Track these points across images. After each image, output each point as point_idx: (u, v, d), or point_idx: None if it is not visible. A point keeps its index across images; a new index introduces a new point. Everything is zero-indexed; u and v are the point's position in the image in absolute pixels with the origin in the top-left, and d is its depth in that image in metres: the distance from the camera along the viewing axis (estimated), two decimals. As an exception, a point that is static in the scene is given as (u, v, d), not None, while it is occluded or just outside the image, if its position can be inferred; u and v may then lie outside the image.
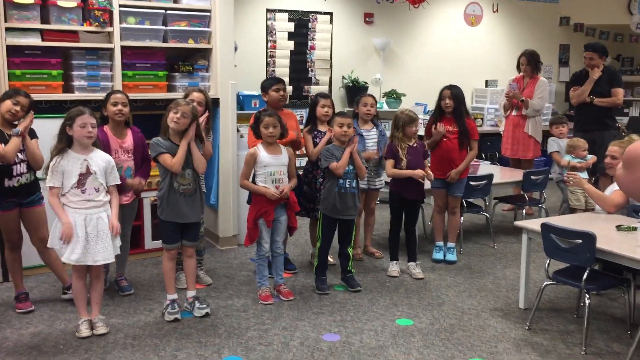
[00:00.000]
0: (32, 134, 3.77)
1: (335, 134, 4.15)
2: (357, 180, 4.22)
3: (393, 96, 7.88)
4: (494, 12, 8.86)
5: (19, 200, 3.73)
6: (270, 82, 4.51)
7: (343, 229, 4.27)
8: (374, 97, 4.89)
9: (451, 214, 5.02)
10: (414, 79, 8.21)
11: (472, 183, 5.07)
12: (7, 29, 4.23)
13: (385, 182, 4.94)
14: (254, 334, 3.56)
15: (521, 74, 6.44)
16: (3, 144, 3.56)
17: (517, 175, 5.76)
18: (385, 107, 7.72)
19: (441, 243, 5.04)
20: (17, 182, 3.68)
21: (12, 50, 4.27)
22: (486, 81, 8.84)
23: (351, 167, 4.14)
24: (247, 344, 3.44)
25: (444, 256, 4.98)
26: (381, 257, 5.03)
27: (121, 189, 3.74)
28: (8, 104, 3.65)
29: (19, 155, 3.66)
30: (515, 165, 6.51)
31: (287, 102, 7.16)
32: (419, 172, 4.35)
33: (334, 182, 4.12)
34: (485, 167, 5.95)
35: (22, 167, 3.70)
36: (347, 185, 4.14)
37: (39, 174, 3.73)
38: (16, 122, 3.67)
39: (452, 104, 4.74)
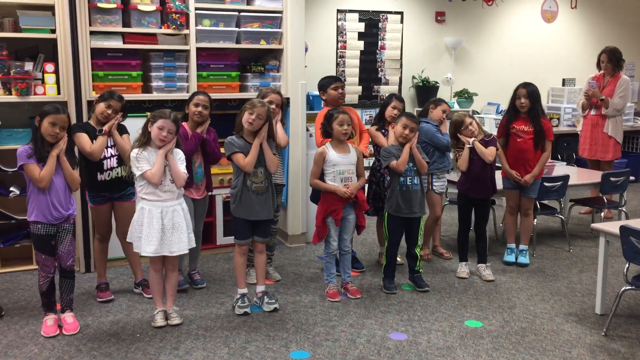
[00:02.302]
0: (123, 130, 3.97)
1: (397, 133, 4.12)
2: (420, 177, 4.17)
3: (464, 96, 7.75)
4: (572, 8, 8.54)
5: (110, 194, 3.93)
6: (329, 81, 4.54)
7: (409, 228, 4.24)
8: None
9: (524, 216, 4.88)
10: (487, 78, 8.03)
11: (546, 184, 4.92)
12: (92, 33, 4.46)
13: (449, 180, 4.88)
14: (321, 330, 3.60)
15: (601, 71, 6.18)
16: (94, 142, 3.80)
17: (595, 176, 5.54)
18: (457, 107, 7.59)
19: (513, 245, 4.92)
20: (109, 176, 3.88)
21: (95, 53, 4.50)
22: (563, 80, 8.53)
23: (411, 164, 4.11)
24: (314, 339, 3.48)
25: (516, 259, 4.85)
26: (450, 258, 4.96)
27: (191, 183, 3.86)
28: (102, 106, 3.87)
29: (110, 150, 3.87)
30: (593, 166, 6.25)
31: (357, 101, 7.27)
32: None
33: (396, 181, 4.11)
34: (561, 168, 5.75)
35: (113, 162, 3.90)
36: (409, 183, 4.11)
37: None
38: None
39: (527, 103, 4.60)
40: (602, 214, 5.67)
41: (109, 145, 3.89)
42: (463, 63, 7.96)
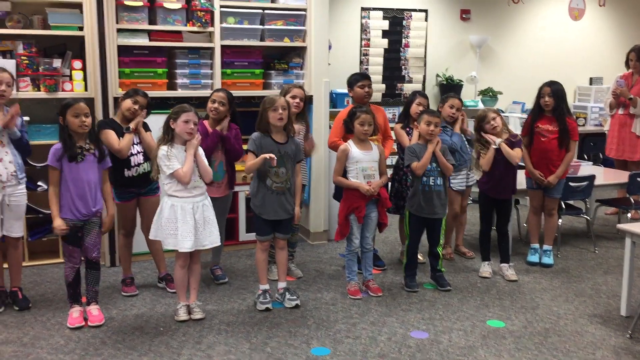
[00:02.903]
0: (146, 128, 4.03)
1: (422, 131, 4.10)
2: (444, 178, 4.15)
3: (489, 94, 7.68)
4: (600, 6, 8.41)
5: (137, 190, 3.99)
6: (356, 78, 4.52)
7: (430, 228, 4.22)
8: (461, 100, 4.75)
9: (548, 216, 4.83)
10: (512, 77, 7.95)
11: (571, 184, 4.86)
12: (119, 30, 4.52)
13: (477, 180, 4.83)
14: (342, 327, 3.61)
15: (630, 70, 6.07)
16: (121, 139, 3.86)
17: (622, 177, 5.45)
18: (481, 106, 7.52)
19: (537, 245, 4.87)
20: (136, 172, 3.94)
21: (122, 50, 4.56)
22: (590, 79, 8.41)
23: (435, 165, 4.08)
24: (335, 336, 3.49)
25: (540, 259, 4.80)
26: (473, 257, 4.93)
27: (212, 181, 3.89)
28: (128, 102, 3.93)
29: (136, 147, 3.93)
30: (620, 167, 6.15)
31: (380, 99, 7.26)
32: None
33: (419, 181, 4.09)
34: (586, 168, 5.67)
35: (140, 158, 3.95)
36: (432, 183, 4.08)
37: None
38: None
39: (552, 102, 4.54)
40: (629, 215, 5.59)
41: (135, 142, 3.94)
42: (488, 61, 7.89)
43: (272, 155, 3.65)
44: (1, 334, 3.46)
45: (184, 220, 3.51)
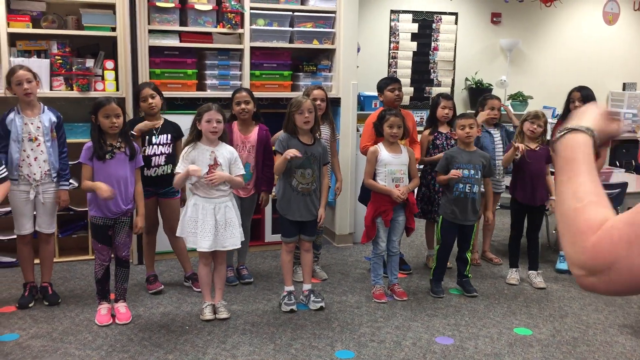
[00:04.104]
0: (179, 134, 4.08)
1: (459, 137, 4.08)
2: (479, 185, 4.10)
3: (519, 98, 7.58)
4: (635, 10, 8.25)
5: (155, 189, 4.03)
6: (386, 82, 4.51)
7: (462, 234, 4.18)
8: (500, 100, 4.72)
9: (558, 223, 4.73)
10: (543, 81, 7.84)
11: (602, 191, 4.76)
12: (150, 31, 4.58)
13: (506, 186, 4.77)
14: (366, 331, 3.60)
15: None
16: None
17: (656, 184, 5.34)
18: (510, 110, 7.43)
19: (566, 253, 4.78)
20: (155, 173, 3.98)
21: (153, 51, 4.62)
22: (624, 84, 8.24)
23: (472, 172, 4.04)
24: (359, 339, 3.48)
25: (569, 267, 4.71)
26: (500, 263, 4.87)
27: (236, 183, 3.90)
28: (144, 103, 3.99)
29: (160, 148, 3.97)
30: (654, 174, 6.02)
31: (408, 103, 7.22)
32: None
33: (453, 186, 4.05)
34: (619, 175, 5.57)
35: (161, 159, 3.99)
36: (467, 190, 4.04)
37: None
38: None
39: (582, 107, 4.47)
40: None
41: (158, 142, 3.98)
42: (518, 65, 7.80)
43: (294, 151, 3.65)
44: (31, 328, 3.53)
45: (204, 220, 3.53)
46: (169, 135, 4.03)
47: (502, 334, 3.59)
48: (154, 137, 3.98)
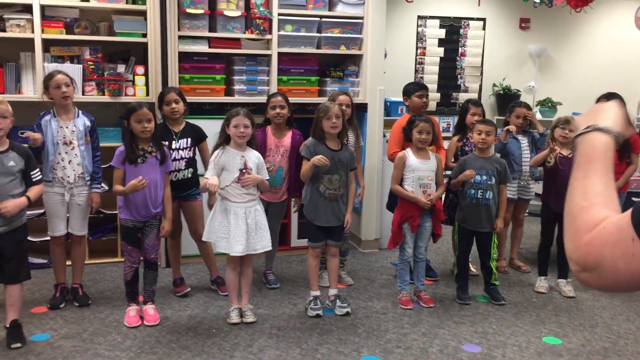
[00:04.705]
0: (202, 136, 4.11)
1: (474, 141, 4.06)
2: (493, 192, 4.06)
3: (548, 105, 7.49)
4: (667, 14, 8.09)
5: (177, 193, 4.06)
6: (414, 87, 4.50)
7: (479, 241, 4.15)
8: (529, 108, 4.67)
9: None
10: (572, 87, 7.73)
11: (634, 199, 4.69)
12: (180, 37, 4.64)
13: (536, 193, 4.72)
14: (392, 337, 3.58)
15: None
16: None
17: (689, 193, 5.23)
18: (539, 116, 7.34)
19: (596, 261, 4.70)
20: (175, 177, 4.02)
21: (183, 56, 4.68)
22: (655, 90, 8.09)
23: (485, 178, 4.01)
24: (385, 345, 3.47)
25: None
26: (528, 271, 4.81)
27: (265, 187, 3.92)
28: (165, 108, 4.04)
29: (181, 152, 4.02)
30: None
31: (435, 109, 7.19)
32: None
33: (466, 192, 4.03)
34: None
35: (181, 164, 4.03)
36: (480, 196, 4.01)
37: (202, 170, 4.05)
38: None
39: None
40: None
41: (178, 147, 4.01)
42: (547, 71, 7.71)
43: (322, 158, 3.66)
44: (62, 328, 3.59)
45: (237, 224, 3.55)
46: (189, 139, 4.06)
47: (531, 343, 3.55)
48: (173, 141, 4.01)
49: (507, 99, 7.19)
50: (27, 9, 4.40)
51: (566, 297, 4.28)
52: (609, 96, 4.49)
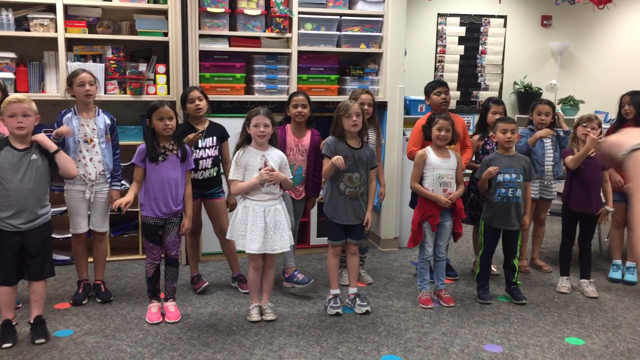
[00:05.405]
0: (224, 135, 4.12)
1: (499, 140, 4.02)
2: (522, 189, 4.02)
3: (570, 103, 7.41)
4: (693, 11, 7.95)
5: (201, 191, 4.09)
6: (432, 85, 4.46)
7: (506, 239, 4.11)
8: (551, 105, 4.62)
9: (631, 231, 4.58)
10: (595, 85, 7.64)
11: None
12: (201, 36, 4.67)
13: (558, 192, 4.67)
14: (413, 336, 3.57)
15: None
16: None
17: None
18: (562, 115, 7.27)
19: (619, 261, 4.65)
20: (202, 176, 4.04)
21: (203, 55, 4.70)
22: (680, 88, 7.95)
23: (514, 176, 3.98)
24: (406, 345, 3.46)
25: (622, 276, 4.58)
26: (550, 271, 4.76)
27: (288, 185, 3.91)
28: (190, 106, 4.04)
29: (207, 151, 4.03)
30: None
31: (455, 107, 7.14)
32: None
33: (495, 190, 3.99)
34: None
35: (208, 163, 4.05)
36: (510, 195, 3.98)
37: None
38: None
39: (632, 111, 4.42)
40: None
41: (205, 146, 4.04)
42: (569, 69, 7.62)
43: (341, 160, 3.65)
44: (85, 324, 3.63)
45: (254, 222, 3.57)
46: (214, 138, 4.08)
47: (553, 343, 3.51)
48: (199, 140, 4.03)
49: (528, 97, 7.13)
50: (51, 8, 4.46)
51: (589, 298, 4.22)
52: (633, 94, 4.44)
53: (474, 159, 4.53)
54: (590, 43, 7.68)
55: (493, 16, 7.29)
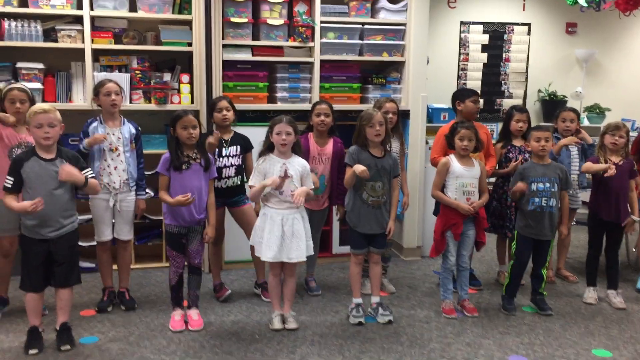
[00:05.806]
0: (249, 146, 4.15)
1: (533, 149, 3.98)
2: (556, 199, 3.97)
3: (596, 111, 7.30)
4: None
5: (224, 200, 4.11)
6: (468, 93, 4.42)
7: (538, 249, 4.05)
8: (575, 112, 4.56)
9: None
10: (621, 93, 7.52)
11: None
12: (224, 46, 4.71)
13: (583, 201, 4.60)
14: (436, 346, 3.53)
15: None
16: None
17: None
18: (587, 123, 7.17)
19: (648, 272, 4.56)
20: (225, 184, 4.07)
21: (227, 65, 4.75)
22: None
23: (547, 185, 3.92)
24: (429, 355, 3.42)
25: None
26: (576, 281, 4.69)
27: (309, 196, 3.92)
28: (217, 115, 4.08)
29: (231, 159, 4.06)
30: None
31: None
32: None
33: (529, 200, 3.93)
34: None
35: (231, 171, 4.08)
36: (544, 204, 3.92)
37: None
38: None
39: None
40: None
41: (228, 154, 4.06)
42: (595, 76, 7.52)
43: (363, 169, 3.65)
44: (110, 331, 3.67)
45: (271, 230, 3.58)
46: (239, 147, 4.11)
47: (580, 355, 3.45)
48: (223, 149, 4.06)
49: (553, 105, 7.04)
50: (78, 20, 4.55)
51: (616, 309, 4.14)
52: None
53: (497, 167, 4.49)
54: (616, 50, 7.58)
55: (517, 24, 7.22)
